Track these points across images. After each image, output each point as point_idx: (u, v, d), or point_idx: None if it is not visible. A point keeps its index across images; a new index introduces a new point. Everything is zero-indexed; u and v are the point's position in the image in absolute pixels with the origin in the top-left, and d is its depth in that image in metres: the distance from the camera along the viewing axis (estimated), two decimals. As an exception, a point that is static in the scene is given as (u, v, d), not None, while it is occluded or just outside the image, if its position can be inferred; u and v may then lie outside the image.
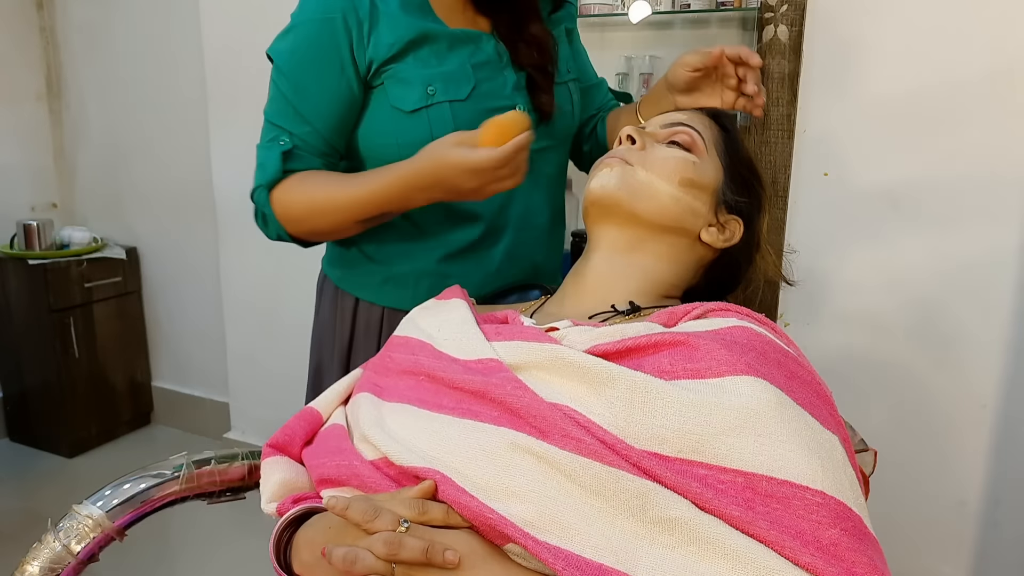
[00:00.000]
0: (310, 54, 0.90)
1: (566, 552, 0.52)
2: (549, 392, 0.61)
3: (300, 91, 0.91)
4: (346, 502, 0.56)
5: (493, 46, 0.96)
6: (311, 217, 0.91)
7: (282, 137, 0.91)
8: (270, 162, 0.91)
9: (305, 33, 0.90)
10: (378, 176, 0.87)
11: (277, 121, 0.92)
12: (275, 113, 0.92)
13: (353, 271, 1.04)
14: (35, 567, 0.66)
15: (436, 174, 0.82)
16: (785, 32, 1.56)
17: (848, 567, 0.50)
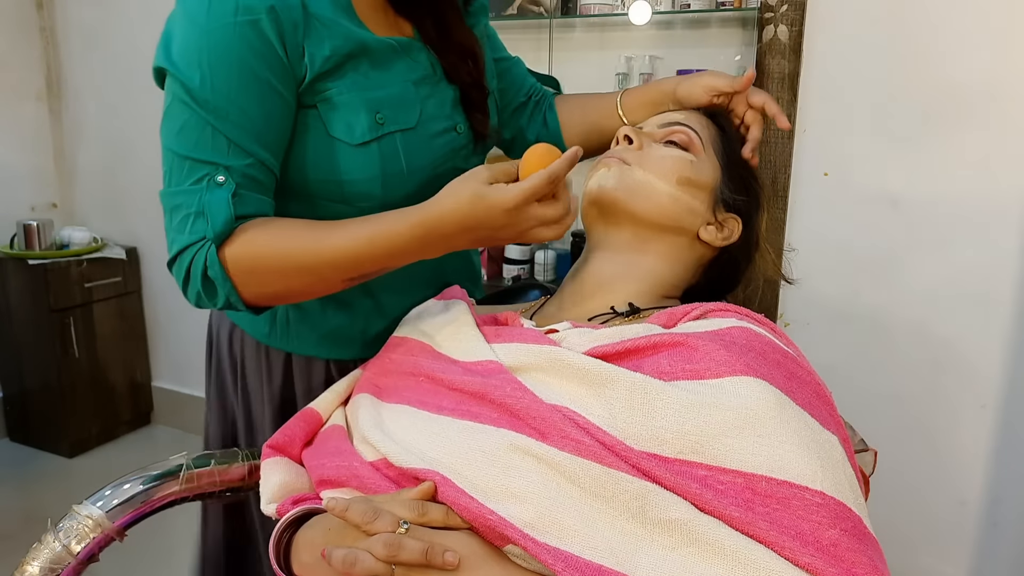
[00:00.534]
0: (236, 65, 0.70)
1: (566, 553, 0.52)
2: (549, 394, 0.61)
3: (229, 112, 0.70)
4: (346, 503, 0.56)
5: (426, 56, 0.85)
6: (284, 277, 0.72)
7: (217, 174, 0.71)
8: (216, 208, 0.70)
9: (224, 40, 0.70)
10: (383, 223, 0.70)
11: (200, 155, 0.70)
12: (194, 145, 0.71)
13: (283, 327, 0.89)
14: (35, 567, 0.66)
15: (470, 217, 0.66)
16: (785, 32, 1.56)
17: (848, 567, 0.50)
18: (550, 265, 1.94)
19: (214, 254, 0.70)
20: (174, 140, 0.72)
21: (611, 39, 1.89)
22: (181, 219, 0.71)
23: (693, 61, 1.78)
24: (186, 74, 0.70)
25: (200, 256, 0.70)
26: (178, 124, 0.71)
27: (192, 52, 0.70)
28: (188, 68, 0.70)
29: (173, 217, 0.72)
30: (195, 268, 0.71)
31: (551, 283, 1.24)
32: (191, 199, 0.71)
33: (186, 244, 0.71)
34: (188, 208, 0.71)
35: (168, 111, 0.72)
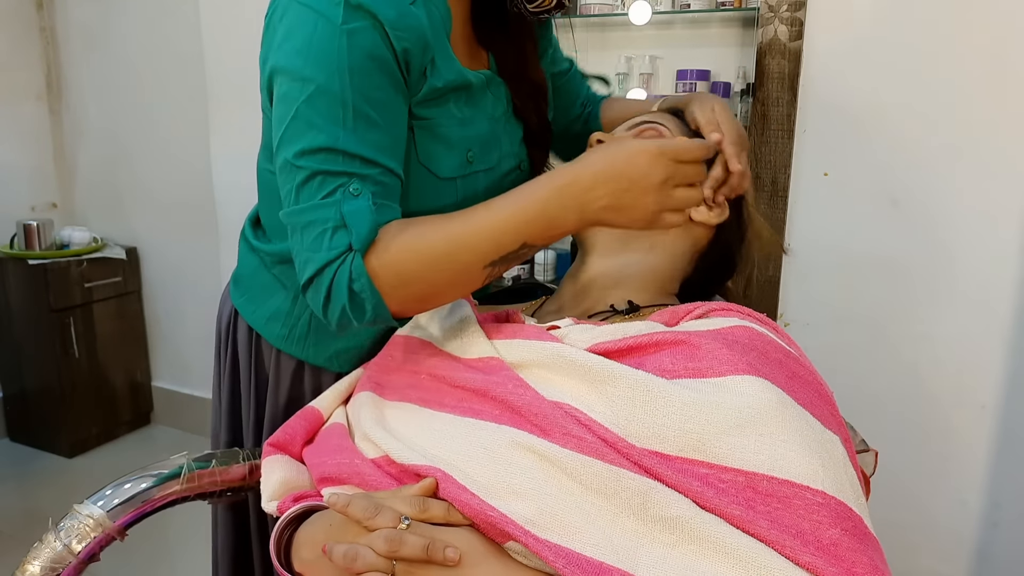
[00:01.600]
0: (368, 73, 0.67)
1: (567, 550, 0.52)
2: (550, 390, 0.61)
3: (359, 120, 0.67)
4: (347, 499, 0.56)
5: (503, 91, 0.84)
6: (430, 272, 0.67)
7: (351, 184, 0.66)
8: (358, 218, 0.65)
9: (356, 44, 0.66)
10: (519, 192, 0.66)
11: (332, 166, 0.66)
12: (324, 157, 0.66)
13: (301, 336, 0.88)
14: (36, 566, 0.66)
15: (609, 164, 0.63)
16: (785, 32, 1.56)
17: (848, 567, 0.50)
18: (550, 265, 1.94)
19: (360, 265, 0.65)
20: (299, 152, 0.67)
21: (611, 39, 1.89)
22: (316, 236, 0.66)
23: (693, 61, 1.78)
24: (316, 78, 0.66)
25: (344, 270, 0.66)
26: (303, 134, 0.66)
27: (324, 56, 0.66)
28: (317, 71, 0.66)
29: (306, 235, 0.67)
30: (338, 284, 0.66)
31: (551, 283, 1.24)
32: (327, 213, 0.66)
33: (327, 260, 0.66)
34: (325, 223, 0.66)
35: (290, 121, 0.67)
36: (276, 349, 0.91)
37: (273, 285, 0.89)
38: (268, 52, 0.71)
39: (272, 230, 0.89)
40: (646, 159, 0.62)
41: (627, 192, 0.63)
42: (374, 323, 0.69)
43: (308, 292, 0.69)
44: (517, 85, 0.86)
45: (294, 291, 0.87)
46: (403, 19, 0.68)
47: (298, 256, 0.69)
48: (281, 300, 0.88)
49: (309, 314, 0.87)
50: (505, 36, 0.84)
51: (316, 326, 0.87)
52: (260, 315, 0.90)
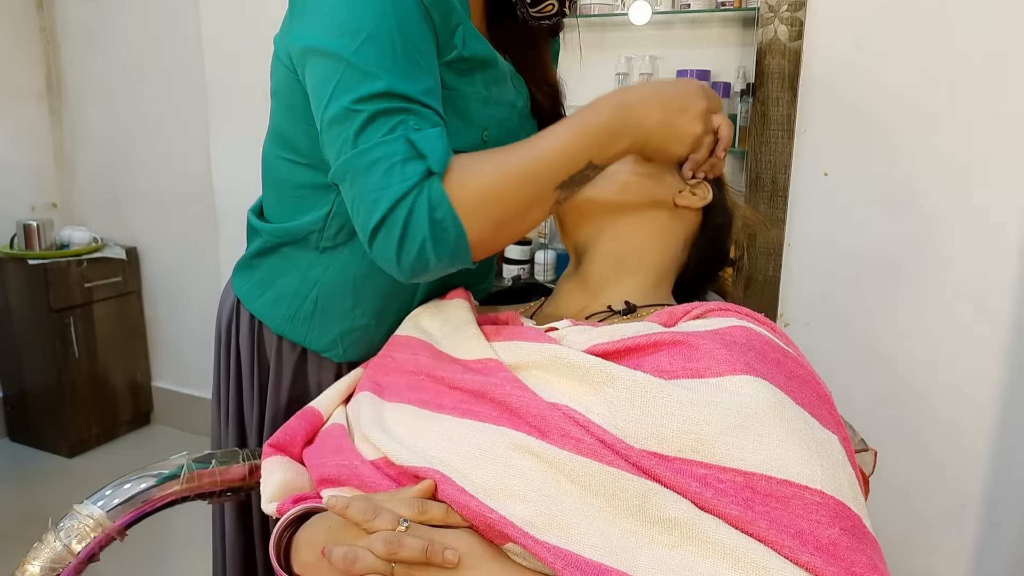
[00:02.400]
0: (412, 12, 0.68)
1: (565, 551, 0.52)
2: (549, 392, 0.61)
3: (413, 56, 0.67)
4: (346, 501, 0.56)
5: (525, 90, 0.86)
6: (509, 193, 0.66)
7: (410, 120, 0.65)
8: (432, 143, 0.65)
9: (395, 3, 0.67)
10: (582, 111, 0.69)
11: (390, 104, 0.65)
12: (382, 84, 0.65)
13: (307, 316, 0.88)
14: (36, 566, 0.66)
15: (668, 88, 0.71)
16: (785, 32, 1.56)
17: (847, 566, 0.50)
18: (550, 265, 1.94)
19: (441, 190, 0.64)
20: (356, 99, 0.65)
21: (611, 39, 1.89)
22: (385, 171, 0.64)
23: (693, 61, 1.78)
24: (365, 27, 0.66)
25: (423, 199, 0.63)
26: (359, 82, 0.65)
27: (371, 4, 0.66)
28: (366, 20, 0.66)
29: (371, 175, 0.64)
30: (417, 215, 0.63)
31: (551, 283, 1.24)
32: (395, 147, 0.64)
33: (403, 192, 0.63)
34: (393, 157, 0.64)
35: (343, 72, 0.66)
36: (278, 340, 0.91)
37: (281, 266, 0.89)
38: (301, 19, 0.71)
39: (275, 215, 0.90)
40: (694, 87, 0.72)
41: (679, 114, 0.71)
42: (452, 260, 0.67)
43: (378, 236, 0.65)
44: (536, 86, 0.88)
45: (303, 270, 0.87)
46: None
47: (362, 201, 0.66)
48: (289, 280, 0.88)
49: (316, 293, 0.87)
50: (520, 39, 0.85)
51: (323, 305, 0.87)
52: (266, 299, 0.90)
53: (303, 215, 0.85)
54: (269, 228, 0.89)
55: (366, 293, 0.86)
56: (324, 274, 0.86)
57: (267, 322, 0.91)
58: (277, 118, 0.84)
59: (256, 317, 0.92)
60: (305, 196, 0.84)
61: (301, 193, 0.84)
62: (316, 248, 0.85)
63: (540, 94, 0.88)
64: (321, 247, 0.85)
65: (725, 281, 0.92)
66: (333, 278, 0.86)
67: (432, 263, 0.66)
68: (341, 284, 0.86)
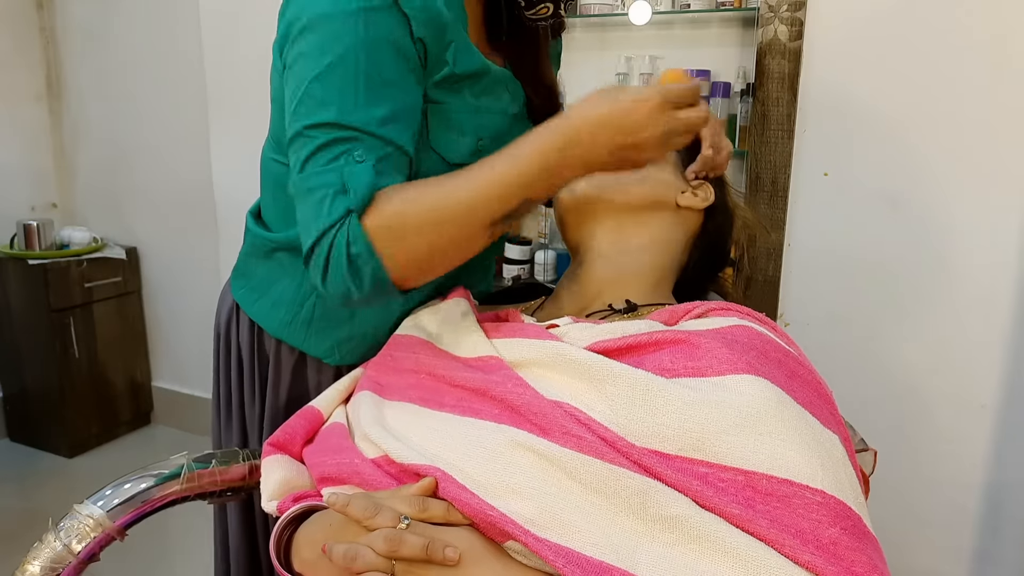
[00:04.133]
0: (383, 42, 0.67)
1: (566, 549, 0.52)
2: (550, 389, 0.61)
3: (375, 85, 0.67)
4: (346, 499, 0.56)
5: (521, 92, 0.85)
6: (430, 230, 0.65)
7: (355, 150, 0.66)
8: (358, 179, 0.65)
9: (372, 21, 0.67)
10: (521, 143, 0.66)
11: (339, 134, 0.66)
12: (333, 114, 0.66)
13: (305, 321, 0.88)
14: (36, 566, 0.66)
15: (612, 113, 0.63)
16: (785, 32, 1.56)
17: (847, 566, 0.50)
18: (550, 265, 1.94)
19: (357, 227, 0.64)
20: (309, 125, 0.67)
21: (611, 39, 1.89)
22: (317, 202, 0.65)
23: (693, 61, 1.78)
24: (331, 54, 0.66)
25: (342, 234, 0.64)
26: (314, 108, 0.67)
27: (341, 32, 0.66)
28: (333, 47, 0.66)
29: (307, 203, 0.66)
30: (337, 249, 0.64)
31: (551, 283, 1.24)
32: (329, 178, 0.65)
33: (326, 226, 0.65)
34: (326, 188, 0.65)
35: (302, 95, 0.67)
36: (277, 343, 0.90)
37: (277, 272, 0.89)
38: (280, 31, 0.72)
39: (274, 221, 0.89)
40: (647, 110, 0.63)
41: (630, 148, 0.65)
42: (375, 294, 0.67)
43: (309, 264, 0.67)
44: (534, 87, 0.87)
45: (299, 277, 0.87)
46: (424, 9, 0.70)
47: (301, 227, 0.68)
48: (285, 286, 0.88)
49: (313, 301, 0.87)
50: (518, 41, 0.85)
51: (320, 313, 0.87)
52: (263, 304, 0.90)
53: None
54: (266, 235, 0.89)
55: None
56: None
57: (265, 326, 0.91)
58: (275, 123, 0.84)
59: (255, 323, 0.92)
60: None
61: None
62: None
63: (537, 97, 0.88)
64: None
65: (725, 281, 0.92)
66: None
67: (355, 295, 0.67)
68: None
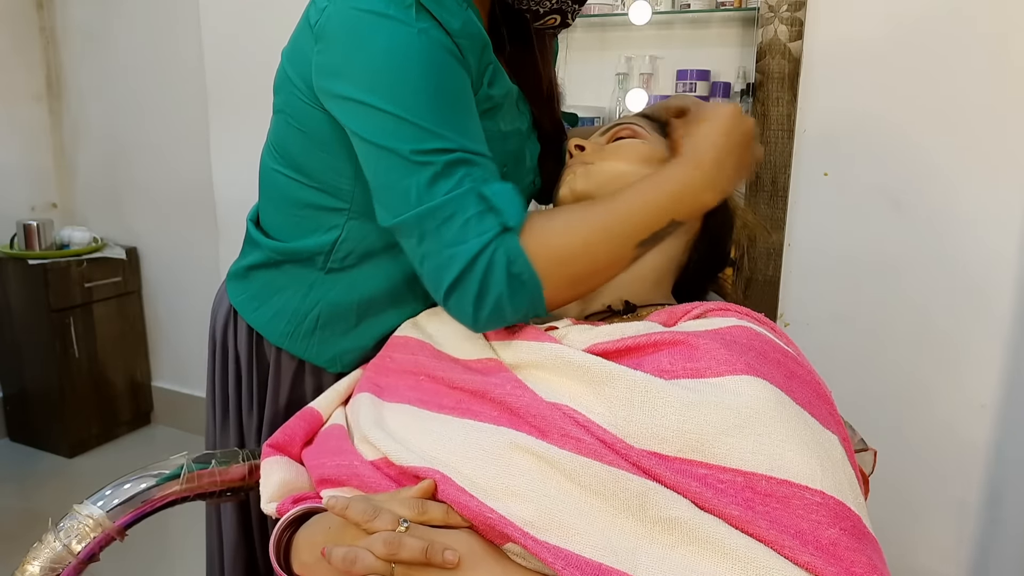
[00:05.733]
0: (450, 61, 0.67)
1: (566, 551, 0.52)
2: (549, 391, 0.61)
3: (460, 105, 0.67)
4: (346, 502, 0.56)
5: (526, 106, 0.85)
6: (586, 250, 0.66)
7: (474, 172, 0.64)
8: (505, 198, 0.64)
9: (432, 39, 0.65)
10: (663, 174, 0.69)
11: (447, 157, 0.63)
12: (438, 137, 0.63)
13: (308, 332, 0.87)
14: (36, 567, 0.66)
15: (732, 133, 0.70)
16: (785, 32, 1.56)
17: (847, 566, 0.50)
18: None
19: (516, 245, 0.63)
20: (414, 151, 0.64)
21: (611, 39, 1.89)
22: (460, 226, 0.63)
23: (693, 61, 1.78)
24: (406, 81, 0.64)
25: (500, 254, 0.63)
26: (407, 134, 0.64)
27: (409, 57, 0.64)
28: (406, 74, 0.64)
29: (445, 231, 0.63)
30: (494, 270, 0.63)
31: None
32: (466, 201, 0.63)
33: (479, 248, 0.62)
34: (466, 212, 0.63)
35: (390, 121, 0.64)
36: (277, 349, 0.90)
37: (281, 281, 0.88)
38: (332, 62, 0.68)
39: (276, 229, 0.88)
40: (737, 117, 0.71)
41: (744, 154, 0.72)
42: (528, 313, 0.66)
43: (455, 293, 0.64)
44: (534, 92, 0.87)
45: (304, 288, 0.86)
46: (466, 27, 0.69)
47: (434, 257, 0.65)
48: (288, 297, 0.87)
49: (317, 311, 0.86)
50: (520, 45, 0.85)
51: (323, 324, 0.87)
52: (263, 313, 0.89)
53: (308, 236, 0.84)
54: (271, 244, 0.87)
55: (371, 315, 0.85)
56: (328, 294, 0.85)
57: (265, 335, 0.90)
58: (281, 135, 0.82)
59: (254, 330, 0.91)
60: (310, 216, 0.83)
61: (305, 212, 0.83)
62: (321, 268, 0.84)
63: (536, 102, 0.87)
64: (327, 268, 0.84)
65: (725, 281, 0.91)
66: (337, 298, 0.85)
67: (508, 316, 0.66)
68: (345, 304, 0.85)
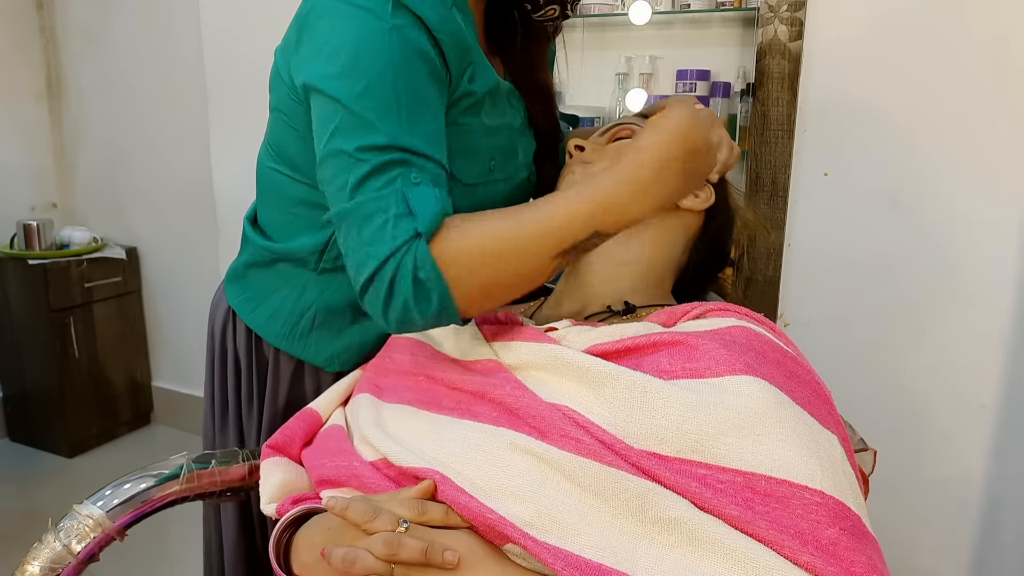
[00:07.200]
0: (417, 60, 0.67)
1: (565, 552, 0.52)
2: (548, 392, 0.61)
3: (416, 104, 0.66)
4: (345, 503, 0.56)
5: (519, 101, 0.85)
6: (499, 260, 0.64)
7: (410, 172, 0.65)
8: (424, 203, 0.64)
9: (403, 37, 0.66)
10: (591, 183, 0.65)
11: (391, 156, 0.64)
12: (382, 135, 0.64)
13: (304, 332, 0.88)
14: (36, 567, 0.66)
15: (676, 138, 0.63)
16: (785, 32, 1.56)
17: (847, 566, 0.50)
18: (550, 265, 1.94)
19: (426, 251, 0.62)
20: (358, 148, 0.64)
21: (611, 39, 1.89)
22: (378, 227, 0.63)
23: (693, 61, 1.78)
24: (369, 74, 0.65)
25: (408, 259, 0.62)
26: (360, 130, 0.65)
27: (376, 51, 0.65)
28: (370, 67, 0.65)
29: (365, 229, 0.64)
30: (402, 274, 0.62)
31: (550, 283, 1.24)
32: (388, 201, 0.63)
33: (390, 251, 0.62)
34: (386, 212, 0.63)
35: (343, 116, 0.65)
36: (275, 349, 0.90)
37: (276, 282, 0.89)
38: (306, 51, 0.69)
39: (271, 228, 0.89)
40: (691, 121, 0.64)
41: (697, 160, 0.65)
42: (437, 320, 0.66)
43: (368, 292, 0.65)
44: (529, 90, 0.87)
45: (299, 288, 0.87)
46: (445, 23, 0.69)
47: (354, 253, 0.65)
48: (284, 297, 0.88)
49: (313, 312, 0.87)
50: (516, 43, 0.84)
51: (319, 324, 0.87)
52: (260, 314, 0.89)
53: (302, 235, 0.84)
54: (266, 245, 0.88)
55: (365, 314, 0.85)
56: (322, 295, 0.86)
57: (263, 335, 0.90)
58: (277, 133, 0.83)
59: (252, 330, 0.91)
60: (304, 213, 0.83)
61: (300, 210, 0.83)
62: (314, 269, 0.85)
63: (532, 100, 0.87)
64: (320, 268, 0.85)
65: (725, 281, 0.91)
66: (332, 299, 0.86)
67: (417, 321, 0.65)
68: (340, 305, 0.86)
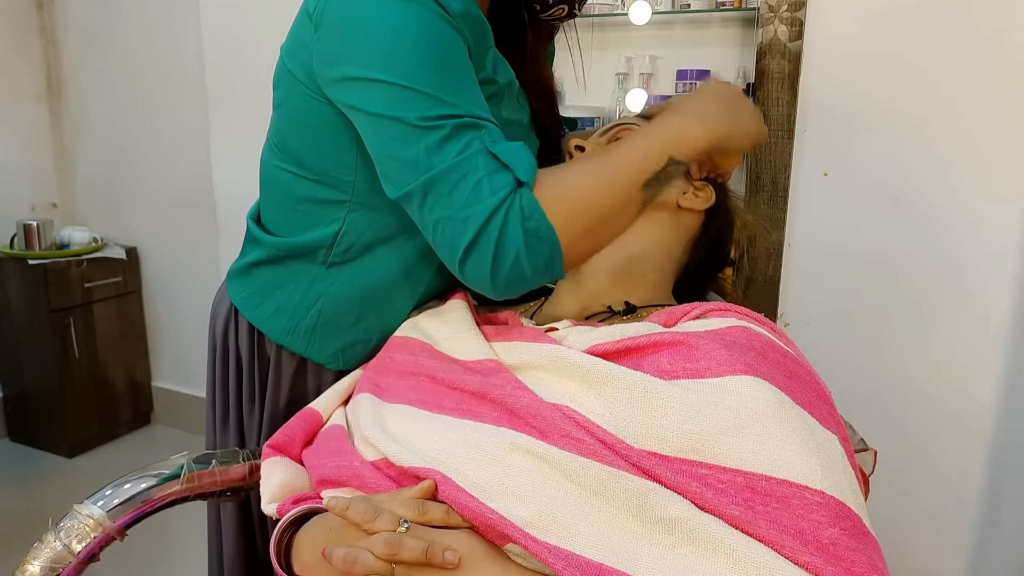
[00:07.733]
0: (450, 34, 0.68)
1: (566, 552, 0.52)
2: (549, 392, 0.61)
3: (462, 73, 0.68)
4: (346, 503, 0.56)
5: (525, 101, 0.87)
6: (596, 197, 0.66)
7: (483, 135, 0.65)
8: (517, 155, 0.65)
9: (432, 11, 0.67)
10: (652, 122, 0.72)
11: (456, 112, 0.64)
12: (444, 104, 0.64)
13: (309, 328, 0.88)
14: (36, 567, 0.66)
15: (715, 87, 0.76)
16: (785, 32, 1.56)
17: (847, 566, 0.50)
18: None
19: (531, 198, 0.63)
20: (421, 118, 0.64)
21: (611, 39, 1.89)
22: (472, 187, 0.63)
23: (693, 61, 1.78)
24: (410, 53, 0.65)
25: (514, 211, 0.63)
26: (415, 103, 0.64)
27: (412, 31, 0.65)
28: (410, 47, 0.65)
29: (457, 193, 0.63)
30: (510, 227, 0.62)
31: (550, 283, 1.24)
32: (476, 161, 0.63)
33: (494, 206, 0.62)
34: (478, 172, 0.63)
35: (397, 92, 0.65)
36: (278, 347, 0.90)
37: (282, 277, 0.88)
38: (336, 43, 0.69)
39: (277, 226, 0.89)
40: (718, 83, 0.76)
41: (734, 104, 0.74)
42: (547, 271, 0.66)
43: (471, 256, 0.64)
44: (533, 88, 0.87)
45: (304, 284, 0.86)
46: (465, 10, 0.70)
47: (447, 223, 0.64)
48: (289, 293, 0.87)
49: (318, 307, 0.86)
50: (521, 40, 0.85)
51: (324, 320, 0.87)
52: (265, 309, 0.89)
53: (309, 230, 0.84)
54: (272, 241, 0.88)
55: (372, 308, 0.86)
56: (329, 288, 0.85)
57: (266, 332, 0.90)
58: (282, 130, 0.83)
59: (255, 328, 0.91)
60: (310, 211, 0.83)
61: (306, 207, 0.83)
62: (322, 263, 0.85)
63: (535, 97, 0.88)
64: (328, 262, 0.84)
65: (725, 281, 0.91)
66: (339, 292, 0.85)
67: (527, 275, 0.65)
68: (346, 299, 0.86)
